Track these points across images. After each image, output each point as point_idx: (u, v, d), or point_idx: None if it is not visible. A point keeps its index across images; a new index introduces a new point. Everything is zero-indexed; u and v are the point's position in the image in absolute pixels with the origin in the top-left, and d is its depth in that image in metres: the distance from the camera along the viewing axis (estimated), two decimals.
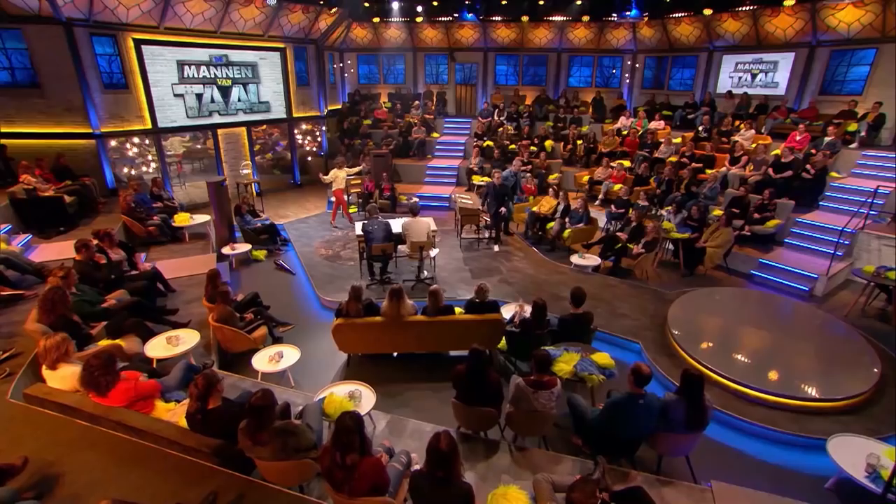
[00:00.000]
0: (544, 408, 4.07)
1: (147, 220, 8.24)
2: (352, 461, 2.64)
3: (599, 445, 4.35)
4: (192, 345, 5.10)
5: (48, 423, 3.67)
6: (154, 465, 3.31)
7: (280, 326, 6.28)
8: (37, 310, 4.46)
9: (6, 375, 4.27)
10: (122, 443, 3.47)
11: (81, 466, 3.31)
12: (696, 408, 3.96)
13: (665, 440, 4.17)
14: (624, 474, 4.14)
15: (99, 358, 3.44)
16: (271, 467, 3.17)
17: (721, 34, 12.96)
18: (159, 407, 3.81)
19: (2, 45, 9.09)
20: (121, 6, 9.52)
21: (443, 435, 2.70)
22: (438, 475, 2.67)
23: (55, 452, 3.40)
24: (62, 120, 9.53)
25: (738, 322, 6.67)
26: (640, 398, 3.95)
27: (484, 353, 4.22)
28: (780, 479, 4.50)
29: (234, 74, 11.89)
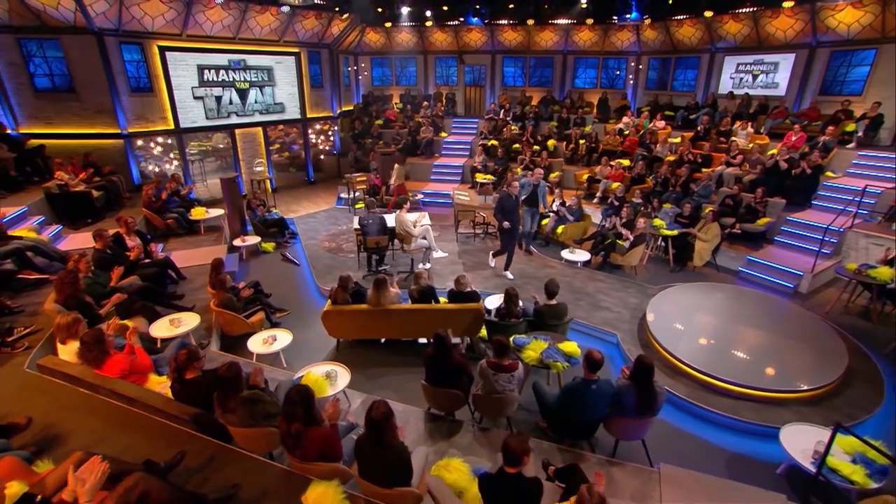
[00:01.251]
0: (504, 389, 4.22)
1: (166, 214, 8.65)
2: (296, 430, 2.85)
3: (560, 428, 4.49)
4: (192, 327, 5.41)
5: (56, 391, 4.00)
6: (142, 429, 3.60)
7: (277, 312, 6.57)
8: (53, 291, 4.83)
9: (25, 348, 4.65)
10: (116, 409, 3.77)
11: (80, 428, 3.62)
12: (646, 393, 4.04)
13: (619, 424, 4.26)
14: (578, 456, 4.26)
15: (89, 336, 3.75)
16: (242, 434, 3.42)
17: (722, 36, 12.70)
18: (152, 380, 4.11)
19: (43, 54, 9.64)
20: (147, 16, 9.96)
21: (376, 404, 2.89)
22: (373, 439, 2.86)
23: (59, 416, 3.73)
24: (94, 121, 10.06)
25: (714, 316, 6.65)
26: (592, 383, 4.06)
27: (447, 339, 4.38)
28: (736, 465, 4.54)
29: (251, 78, 12.27)
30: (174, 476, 3.02)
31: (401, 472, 2.92)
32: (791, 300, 7.58)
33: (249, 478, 3.14)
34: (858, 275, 6.92)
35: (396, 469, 2.90)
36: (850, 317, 7.11)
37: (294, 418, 2.89)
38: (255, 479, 3.14)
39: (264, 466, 3.29)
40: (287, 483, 3.07)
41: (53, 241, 7.12)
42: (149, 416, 3.68)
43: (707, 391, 5.33)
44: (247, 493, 3.00)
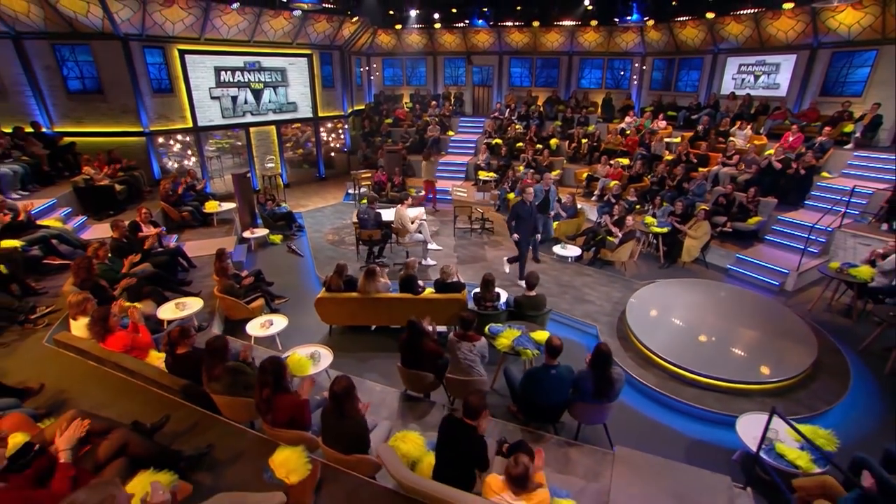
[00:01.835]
0: (465, 358, 4.43)
1: (182, 207, 9.10)
2: (266, 395, 3.14)
3: (527, 412, 4.68)
4: (195, 310, 5.77)
5: (67, 362, 4.39)
6: (139, 397, 3.94)
7: (276, 299, 6.90)
8: (71, 274, 5.25)
9: (45, 325, 5.08)
10: (118, 379, 4.13)
11: (85, 395, 3.98)
12: (603, 380, 4.20)
13: (580, 409, 4.42)
14: (540, 437, 4.45)
15: (96, 313, 4.12)
16: (225, 403, 3.72)
17: (725, 37, 12.54)
18: (152, 355, 4.46)
19: (74, 59, 10.19)
20: (168, 22, 10.41)
21: (338, 379, 3.14)
22: (335, 410, 3.12)
23: (68, 383, 4.10)
24: (119, 120, 10.59)
25: (690, 311, 6.70)
26: (552, 368, 4.24)
27: (419, 325, 4.61)
28: (696, 450, 4.66)
29: (266, 78, 12.68)
30: (160, 437, 3.34)
31: (359, 441, 3.17)
32: (775, 297, 7.59)
33: (226, 441, 3.45)
34: (840, 273, 6.90)
35: (355, 437, 3.16)
36: (832, 314, 7.10)
37: (265, 385, 3.18)
38: (231, 442, 3.45)
39: (242, 433, 3.59)
40: (259, 447, 3.36)
41: (78, 230, 7.60)
42: (146, 387, 4.03)
43: (676, 381, 5.45)
44: (221, 454, 3.30)
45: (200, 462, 3.08)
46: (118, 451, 2.62)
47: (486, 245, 9.49)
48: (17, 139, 9.01)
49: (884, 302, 6.56)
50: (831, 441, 4.05)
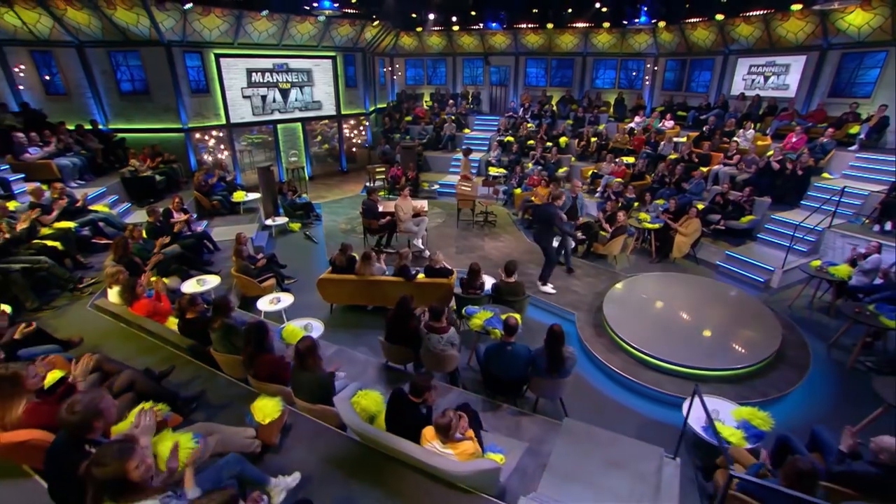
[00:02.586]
0: (435, 347, 4.85)
1: (212, 196, 9.88)
2: (248, 352, 3.67)
3: (490, 385, 5.06)
4: (213, 286, 6.43)
5: (103, 323, 5.10)
6: (156, 353, 4.58)
7: (286, 279, 7.52)
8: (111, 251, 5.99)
9: (89, 293, 5.85)
10: (141, 338, 4.79)
11: (115, 349, 4.63)
12: (555, 357, 4.53)
13: (537, 384, 4.77)
14: (498, 406, 4.82)
15: (125, 283, 4.79)
16: (223, 360, 4.30)
17: (735, 38, 12.27)
18: (171, 321, 5.10)
19: (126, 63, 11.15)
20: (205, 29, 11.20)
21: (303, 338, 3.63)
22: (299, 364, 3.62)
23: (102, 339, 4.79)
24: (162, 118, 11.51)
25: (665, 302, 6.86)
26: (508, 345, 4.61)
27: (409, 303, 5.04)
28: (648, 428, 4.90)
29: (293, 79, 13.37)
30: (166, 383, 3.95)
31: (322, 392, 3.65)
32: (760, 293, 7.62)
33: (220, 391, 4.02)
34: (819, 272, 6.89)
35: (318, 389, 3.65)
36: (811, 311, 7.10)
37: (248, 344, 3.72)
38: (223, 392, 4.02)
39: (234, 385, 4.16)
40: (246, 397, 3.89)
41: (122, 215, 8.46)
42: (162, 345, 4.67)
43: (640, 366, 5.69)
44: (214, 400, 3.88)
45: (194, 402, 3.66)
46: (127, 387, 3.21)
47: (485, 237, 9.83)
48: (78, 135, 10.01)
49: (861, 300, 6.53)
50: (767, 422, 4.27)
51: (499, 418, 4.61)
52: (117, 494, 1.91)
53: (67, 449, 2.26)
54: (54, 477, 2.35)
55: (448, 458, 3.10)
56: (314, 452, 3.41)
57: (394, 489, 3.11)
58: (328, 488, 3.07)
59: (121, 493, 1.91)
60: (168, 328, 4.88)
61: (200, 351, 4.43)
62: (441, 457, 3.11)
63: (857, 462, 3.51)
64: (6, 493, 2.81)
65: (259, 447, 3.24)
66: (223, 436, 3.00)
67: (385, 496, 3.00)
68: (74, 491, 2.13)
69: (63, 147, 9.23)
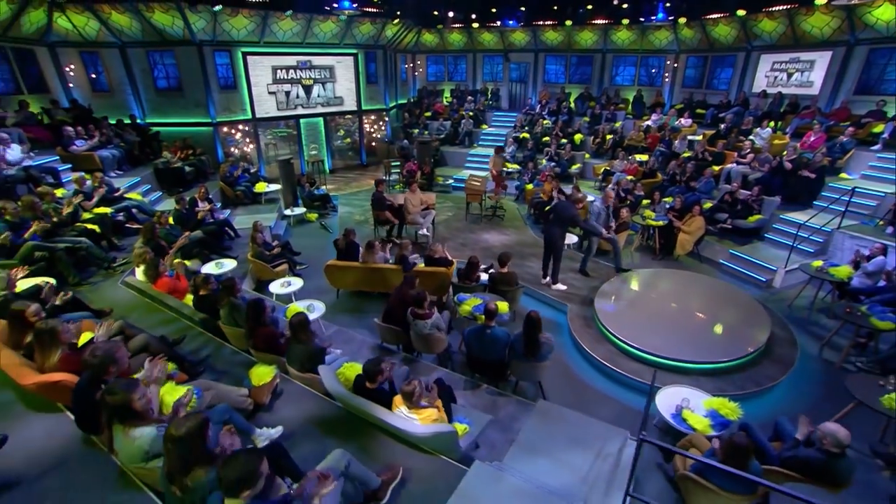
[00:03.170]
0: (422, 332, 5.23)
1: (236, 187, 10.58)
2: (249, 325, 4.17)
3: (472, 366, 5.41)
4: (229, 269, 7.00)
5: (131, 298, 5.74)
6: (174, 325, 5.15)
7: (298, 265, 8.07)
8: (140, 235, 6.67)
9: (121, 271, 6.55)
10: (161, 311, 5.39)
11: (139, 319, 5.20)
12: (531, 342, 4.84)
13: (516, 367, 5.09)
14: (477, 385, 5.17)
15: (149, 262, 5.40)
16: (229, 332, 4.83)
17: (758, 34, 12.01)
18: (188, 298, 5.69)
19: (162, 62, 12.02)
20: (234, 29, 11.91)
21: (296, 314, 4.08)
22: (293, 337, 4.09)
23: (129, 311, 5.40)
24: (193, 113, 12.34)
25: (659, 297, 7.02)
26: (487, 328, 4.94)
27: (414, 282, 5.45)
28: (624, 414, 5.14)
29: (315, 75, 13.98)
30: (178, 349, 4.50)
31: (310, 362, 4.11)
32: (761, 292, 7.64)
33: (225, 358, 4.54)
34: (819, 272, 6.87)
35: (306, 359, 4.10)
36: (810, 312, 7.08)
37: (248, 318, 4.22)
38: (228, 359, 4.54)
39: (238, 354, 4.69)
40: (246, 364, 4.39)
41: (153, 203, 9.23)
42: (179, 318, 5.26)
43: (625, 357, 5.91)
44: (218, 365, 4.40)
45: (200, 365, 4.19)
46: (142, 348, 3.75)
47: (492, 231, 10.13)
48: (118, 129, 10.90)
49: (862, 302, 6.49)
50: (735, 412, 4.45)
51: (477, 396, 4.96)
52: (123, 419, 2.40)
53: (88, 387, 2.79)
54: (79, 409, 2.91)
55: (412, 422, 3.50)
56: (299, 413, 3.87)
57: (363, 446, 3.53)
58: (306, 442, 3.51)
59: (126, 417, 2.40)
60: (185, 304, 5.47)
61: (211, 324, 4.98)
62: (406, 420, 3.51)
63: (805, 448, 3.69)
64: (46, 423, 3.41)
65: (251, 405, 3.72)
66: (219, 391, 3.49)
67: (355, 452, 3.41)
68: (94, 420, 2.65)
69: (105, 140, 10.10)
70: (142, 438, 2.44)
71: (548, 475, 3.70)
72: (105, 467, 2.85)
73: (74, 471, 2.95)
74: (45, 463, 3.05)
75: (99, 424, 2.63)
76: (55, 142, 9.46)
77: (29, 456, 3.12)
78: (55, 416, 3.45)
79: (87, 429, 2.95)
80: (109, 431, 2.50)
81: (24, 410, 3.56)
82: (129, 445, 2.45)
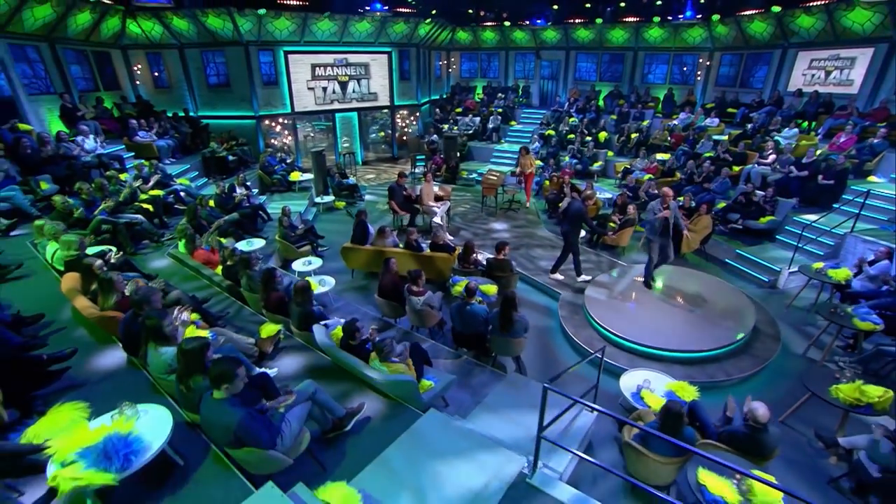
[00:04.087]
0: (415, 307, 5.92)
1: (273, 175, 11.71)
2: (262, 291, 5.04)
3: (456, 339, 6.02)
4: (258, 247, 7.98)
5: (174, 267, 6.83)
6: (206, 290, 6.15)
7: (321, 247, 8.99)
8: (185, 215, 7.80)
9: (168, 245, 7.70)
10: (197, 278, 6.41)
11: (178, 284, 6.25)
12: (506, 319, 5.41)
13: (493, 341, 5.67)
14: (459, 356, 5.80)
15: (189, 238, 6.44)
16: (249, 297, 5.75)
17: (795, 30, 11.69)
18: (218, 269, 6.70)
19: (213, 61, 13.38)
20: (277, 30, 13.06)
21: (300, 281, 4.89)
22: (295, 300, 4.91)
23: (170, 276, 6.43)
24: (238, 107, 13.65)
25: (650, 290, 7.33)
26: (467, 305, 5.56)
27: (391, 268, 6.20)
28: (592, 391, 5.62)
29: (351, 72, 14.96)
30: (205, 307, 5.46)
31: (307, 322, 4.91)
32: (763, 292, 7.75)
33: (243, 317, 5.46)
34: (817, 274, 6.94)
35: (304, 319, 4.91)
36: (807, 312, 7.15)
37: (262, 285, 5.09)
38: (245, 318, 5.45)
39: (254, 315, 5.60)
40: (259, 322, 5.28)
41: (199, 187, 10.49)
42: (210, 284, 6.25)
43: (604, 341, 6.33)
44: (237, 322, 5.31)
45: (220, 319, 5.11)
46: (175, 301, 4.70)
47: (504, 222, 10.66)
48: (173, 121, 12.33)
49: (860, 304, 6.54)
50: (692, 394, 4.85)
51: (456, 365, 5.60)
52: (155, 339, 3.28)
53: (132, 319, 3.73)
54: (124, 336, 3.87)
55: (381, 373, 4.21)
56: (294, 362, 4.69)
57: (342, 390, 4.27)
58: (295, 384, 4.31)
59: (157, 338, 3.28)
60: (216, 273, 6.47)
61: (235, 290, 5.93)
62: (377, 371, 4.23)
63: (734, 424, 4.09)
64: (104, 348, 4.44)
65: (256, 352, 4.57)
66: (230, 337, 4.36)
67: (334, 394, 4.17)
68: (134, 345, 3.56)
69: (162, 131, 11.51)
70: (166, 355, 3.31)
71: (501, 431, 4.29)
72: (140, 379, 3.82)
73: (120, 380, 3.95)
74: (101, 374, 4.07)
75: (138, 348, 3.54)
76: (122, 132, 10.92)
77: (90, 368, 4.15)
78: (110, 345, 4.47)
79: (129, 351, 3.90)
80: (145, 348, 3.40)
81: (88, 338, 4.62)
82: (157, 359, 3.33)
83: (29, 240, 6.87)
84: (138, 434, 2.59)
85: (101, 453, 2.36)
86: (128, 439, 2.49)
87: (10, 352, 3.46)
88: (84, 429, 2.54)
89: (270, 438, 2.86)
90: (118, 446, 2.41)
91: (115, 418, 2.66)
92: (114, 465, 2.35)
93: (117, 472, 2.37)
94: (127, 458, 2.41)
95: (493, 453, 3.72)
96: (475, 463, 3.59)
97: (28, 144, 8.25)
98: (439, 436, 3.87)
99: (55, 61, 10.39)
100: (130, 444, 2.47)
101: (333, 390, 4.18)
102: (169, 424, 2.79)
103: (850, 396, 4.40)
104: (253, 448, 2.76)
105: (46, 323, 4.78)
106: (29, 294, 5.38)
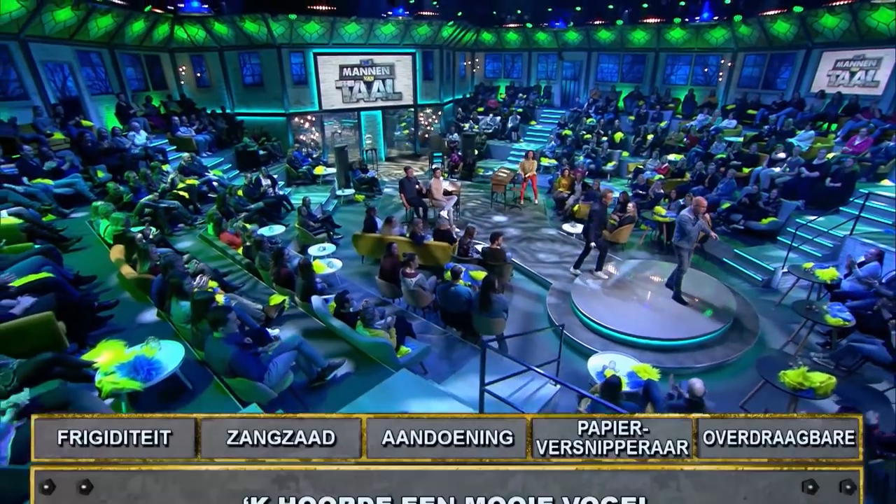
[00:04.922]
0: (408, 287, 6.64)
1: (299, 169, 12.74)
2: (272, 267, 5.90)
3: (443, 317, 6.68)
4: (278, 233, 8.92)
5: (204, 246, 7.85)
6: (228, 266, 7.12)
7: (335, 235, 9.87)
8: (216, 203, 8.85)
9: (200, 228, 8.77)
10: (222, 257, 7.39)
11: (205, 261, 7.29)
12: (485, 299, 6.03)
13: (476, 319, 6.30)
14: (446, 335, 6.47)
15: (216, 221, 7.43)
16: (262, 273, 6.65)
17: (819, 30, 11.61)
18: (240, 250, 7.66)
19: (249, 62, 14.61)
20: (307, 33, 14.13)
21: (303, 258, 5.71)
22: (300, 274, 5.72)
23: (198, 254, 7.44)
24: (270, 105, 14.83)
25: (637, 282, 7.74)
26: (451, 286, 6.20)
27: (392, 252, 6.93)
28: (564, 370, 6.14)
29: (376, 73, 15.87)
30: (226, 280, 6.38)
31: (307, 294, 5.71)
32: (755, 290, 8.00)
33: (258, 290, 6.36)
34: (805, 273, 7.16)
35: (305, 292, 5.72)
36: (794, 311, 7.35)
37: (273, 262, 5.96)
38: (260, 290, 6.34)
39: (267, 288, 6.49)
40: (270, 293, 6.16)
41: (231, 179, 11.63)
42: (233, 262, 7.21)
43: (584, 328, 6.85)
44: (252, 294, 6.21)
45: (236, 289, 6.01)
46: (199, 272, 5.61)
47: (509, 218, 11.24)
48: (211, 118, 13.61)
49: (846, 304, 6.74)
50: (652, 375, 5.33)
51: (441, 340, 6.28)
52: (177, 294, 4.15)
53: (160, 282, 4.64)
54: (155, 294, 4.81)
55: (364, 336, 4.95)
56: (295, 326, 5.51)
57: (330, 350, 5.05)
58: None
59: (178, 294, 4.16)
60: (237, 253, 7.43)
61: (252, 267, 6.85)
62: (360, 335, 4.97)
63: (678, 399, 4.58)
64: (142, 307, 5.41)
65: (263, 317, 5.42)
66: (241, 302, 5.21)
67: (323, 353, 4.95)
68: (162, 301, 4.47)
69: (201, 127, 12.77)
70: (186, 307, 4.18)
71: (463, 392, 4.93)
72: (166, 327, 4.73)
73: (151, 328, 4.88)
74: (137, 323, 5.04)
75: (164, 303, 4.44)
76: (166, 128, 12.22)
77: (129, 318, 5.12)
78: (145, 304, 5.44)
79: (158, 306, 4.84)
80: (169, 302, 4.29)
81: (129, 298, 5.61)
82: (178, 310, 4.20)
83: (87, 219, 8.06)
84: (159, 359, 3.45)
85: (131, 367, 3.22)
86: (151, 360, 3.34)
87: (72, 300, 4.42)
88: (121, 352, 3.41)
89: (259, 373, 3.64)
90: (144, 364, 3.27)
91: (143, 346, 3.52)
92: (140, 376, 3.20)
93: (143, 382, 3.21)
94: (149, 373, 3.26)
95: (447, 404, 4.38)
96: (431, 410, 4.26)
97: (89, 138, 9.56)
98: (406, 390, 4.56)
99: (113, 65, 11.81)
100: (153, 363, 3.33)
101: (323, 349, 4.94)
102: (181, 355, 3.63)
103: (794, 381, 4.77)
104: (243, 378, 3.55)
105: (98, 283, 5.82)
106: (86, 261, 6.46)
